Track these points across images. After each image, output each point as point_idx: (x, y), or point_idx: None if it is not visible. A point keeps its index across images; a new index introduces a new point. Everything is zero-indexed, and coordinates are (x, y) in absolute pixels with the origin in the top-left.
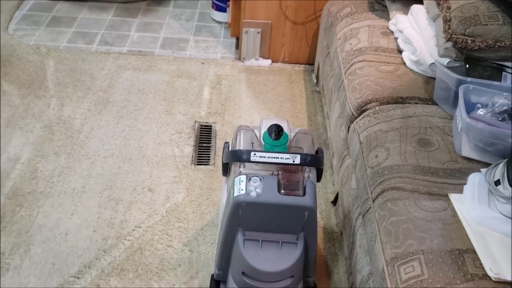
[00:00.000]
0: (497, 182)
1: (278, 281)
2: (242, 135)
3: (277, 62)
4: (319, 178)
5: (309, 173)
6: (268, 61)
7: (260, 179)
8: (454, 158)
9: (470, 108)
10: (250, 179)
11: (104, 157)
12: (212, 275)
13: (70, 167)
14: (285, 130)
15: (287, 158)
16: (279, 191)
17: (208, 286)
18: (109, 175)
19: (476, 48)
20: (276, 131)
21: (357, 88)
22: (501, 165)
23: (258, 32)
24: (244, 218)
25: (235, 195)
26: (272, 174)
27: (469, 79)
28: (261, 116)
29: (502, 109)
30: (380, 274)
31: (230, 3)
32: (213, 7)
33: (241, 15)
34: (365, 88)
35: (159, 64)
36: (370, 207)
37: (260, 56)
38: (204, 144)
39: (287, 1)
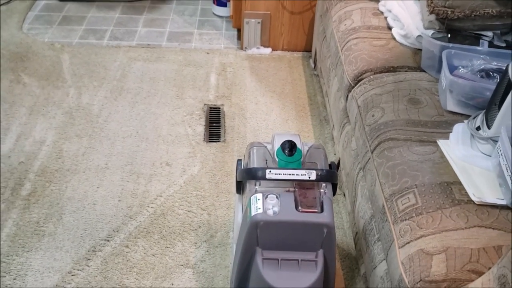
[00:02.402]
0: (478, 128)
1: None
2: (255, 152)
3: (277, 50)
4: (334, 193)
5: (325, 189)
6: (269, 49)
7: (277, 197)
8: (440, 113)
9: (453, 70)
10: (266, 197)
11: (123, 137)
12: None
13: (92, 147)
14: (298, 145)
15: (303, 175)
16: (296, 208)
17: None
18: (129, 153)
19: (455, 18)
20: (290, 147)
21: (353, 61)
22: (480, 115)
23: (259, 23)
24: (262, 237)
25: (252, 214)
26: (288, 191)
27: (451, 44)
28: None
29: (480, 68)
30: (380, 210)
31: None
32: (214, 3)
33: (242, 7)
34: (360, 60)
35: (167, 55)
36: (369, 158)
37: (261, 45)
38: (214, 124)
39: None
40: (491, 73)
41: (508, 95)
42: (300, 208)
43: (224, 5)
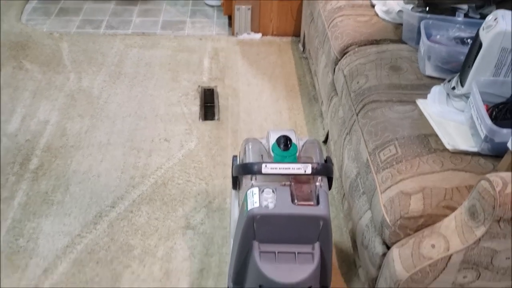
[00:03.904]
0: (453, 88)
1: None
2: (250, 147)
3: (267, 35)
4: (329, 187)
5: (321, 182)
6: (259, 35)
7: (273, 191)
8: (419, 77)
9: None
10: (263, 191)
11: (123, 117)
12: None
13: (94, 126)
14: (293, 140)
15: (299, 168)
16: (292, 201)
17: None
18: (129, 130)
19: None
20: (285, 142)
21: (339, 37)
22: (455, 77)
23: (249, 9)
24: (259, 230)
25: (249, 208)
26: (284, 185)
27: (428, 15)
28: (256, 78)
29: (455, 35)
30: (365, 164)
31: None
32: None
33: None
34: (345, 35)
35: (161, 42)
36: (354, 121)
37: (251, 31)
38: (209, 104)
39: None
40: (465, 40)
41: (479, 54)
42: (296, 201)
43: None
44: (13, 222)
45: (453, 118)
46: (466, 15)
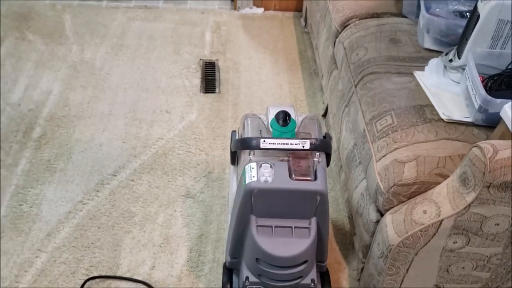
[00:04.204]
0: (450, 61)
1: (292, 267)
2: (249, 123)
3: (269, 10)
4: (328, 163)
5: (319, 158)
6: (261, 9)
7: (271, 166)
8: (418, 50)
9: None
10: (260, 166)
11: (125, 88)
12: (225, 264)
13: (96, 97)
14: (292, 116)
15: (297, 144)
16: (290, 176)
17: (222, 271)
18: (131, 101)
19: None
20: (284, 118)
21: (340, 9)
22: (453, 50)
23: None
24: (256, 205)
25: (247, 182)
26: (282, 160)
27: None
28: (258, 54)
29: (454, 8)
30: (361, 134)
31: None
32: None
33: None
34: (347, 8)
35: (164, 15)
36: (353, 92)
37: (254, 5)
38: (210, 77)
39: None
40: (464, 14)
41: (476, 26)
42: (293, 176)
43: None
44: (17, 188)
45: (449, 89)
46: None
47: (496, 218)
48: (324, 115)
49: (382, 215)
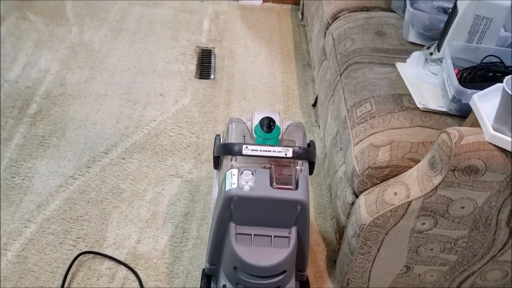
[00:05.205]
0: (431, 54)
1: (270, 276)
2: (233, 128)
3: (267, 2)
4: (311, 171)
5: (302, 167)
6: (260, 1)
7: (252, 173)
8: (402, 43)
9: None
10: (242, 173)
11: (121, 70)
12: (203, 270)
13: (93, 77)
14: (277, 122)
15: (279, 152)
16: (271, 184)
17: (200, 279)
18: (126, 83)
19: None
20: (268, 124)
21: (332, 2)
22: (435, 44)
23: None
24: (235, 212)
25: (227, 189)
26: (264, 167)
27: None
28: (253, 44)
29: (438, 4)
30: (343, 120)
31: None
32: None
33: None
34: (338, 1)
35: (164, 1)
36: (338, 81)
37: None
38: (205, 64)
39: None
40: (447, 9)
41: (454, 21)
42: (274, 184)
43: None
44: (10, 161)
45: (427, 81)
46: None
47: (461, 201)
48: (314, 104)
49: (357, 197)
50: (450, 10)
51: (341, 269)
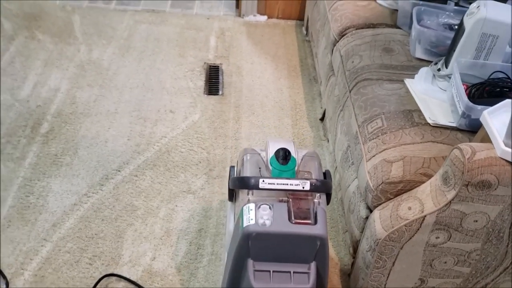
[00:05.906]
0: (438, 70)
1: None
2: (248, 159)
3: (272, 18)
4: (328, 202)
5: (319, 199)
6: (265, 17)
7: (270, 207)
8: (409, 59)
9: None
10: (259, 207)
11: (130, 88)
12: None
13: (102, 95)
14: (292, 153)
15: (297, 185)
16: (289, 219)
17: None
18: (136, 101)
19: None
20: (284, 156)
21: (339, 19)
22: (442, 60)
23: None
24: (254, 248)
25: (244, 225)
26: (281, 200)
27: (421, 2)
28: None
29: (444, 22)
30: (354, 136)
31: None
32: None
33: None
34: (344, 18)
35: (170, 19)
36: (348, 97)
37: (258, 13)
38: (213, 80)
39: None
40: (453, 27)
41: (461, 38)
42: (293, 219)
43: None
44: (24, 180)
45: (436, 96)
46: (457, 4)
47: (474, 215)
48: (322, 119)
49: (371, 211)
50: (456, 27)
51: (356, 283)
